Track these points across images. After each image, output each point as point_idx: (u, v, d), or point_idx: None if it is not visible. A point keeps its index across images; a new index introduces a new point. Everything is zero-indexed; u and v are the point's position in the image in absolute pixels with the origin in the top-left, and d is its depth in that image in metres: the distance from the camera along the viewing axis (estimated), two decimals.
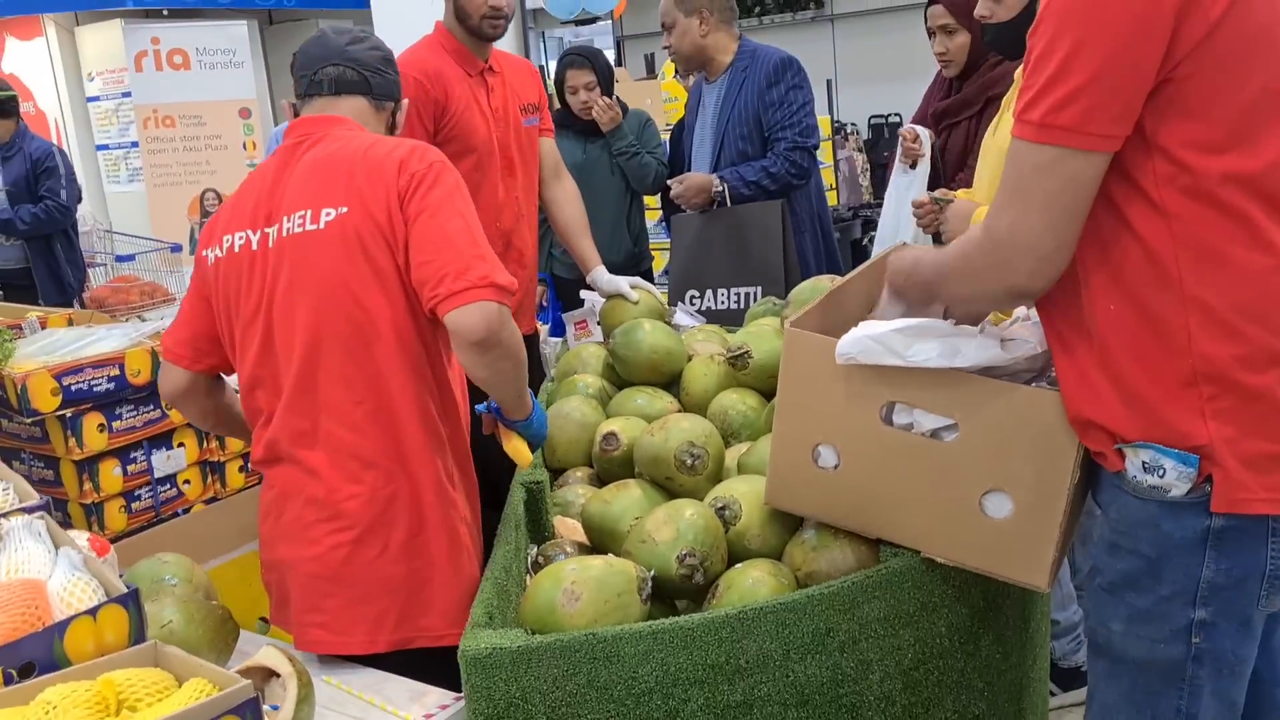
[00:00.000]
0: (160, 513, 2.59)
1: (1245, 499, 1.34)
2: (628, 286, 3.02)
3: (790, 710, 1.62)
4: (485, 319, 1.69)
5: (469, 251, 1.73)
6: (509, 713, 1.55)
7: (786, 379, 1.74)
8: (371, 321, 1.79)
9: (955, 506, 1.64)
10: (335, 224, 1.79)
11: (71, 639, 1.41)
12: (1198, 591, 1.39)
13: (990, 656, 1.84)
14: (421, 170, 1.80)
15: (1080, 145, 1.30)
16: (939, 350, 1.57)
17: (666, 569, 1.72)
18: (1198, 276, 1.33)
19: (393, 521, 1.81)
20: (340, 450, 1.81)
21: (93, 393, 2.41)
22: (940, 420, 1.63)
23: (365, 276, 1.78)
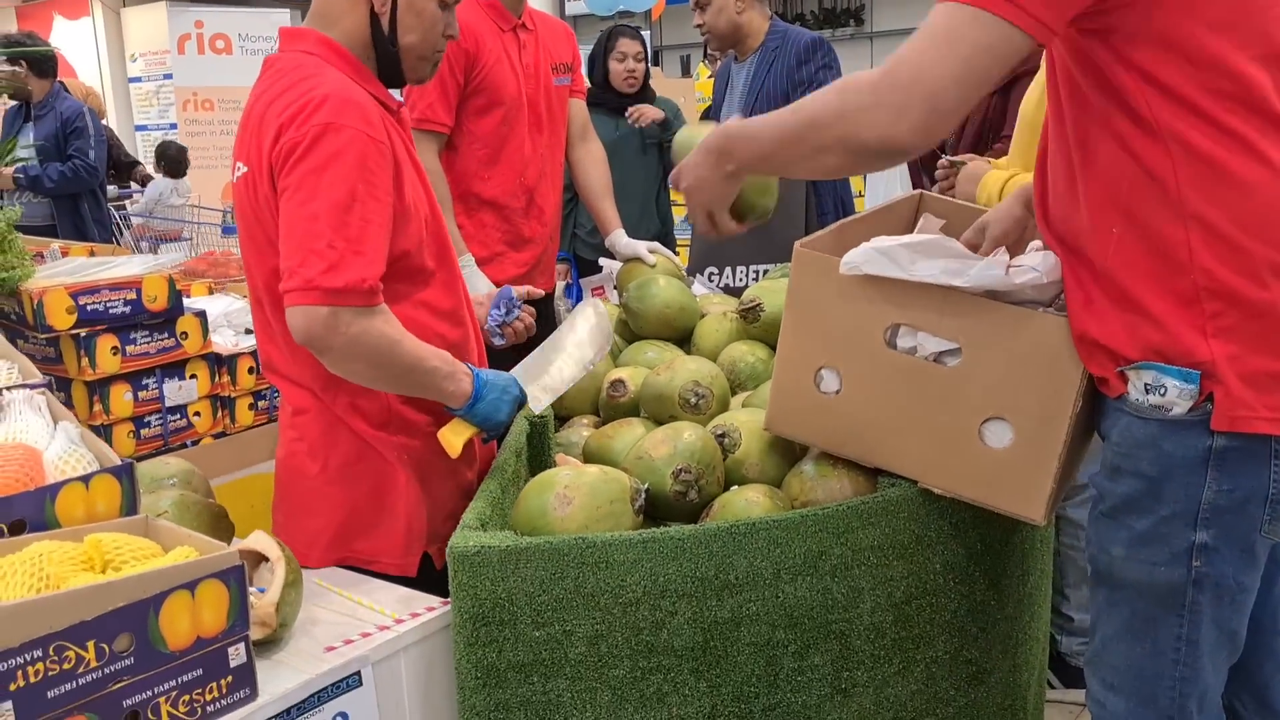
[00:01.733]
0: (169, 442, 2.60)
1: (1246, 417, 1.32)
2: (645, 250, 3.02)
3: (778, 631, 1.61)
4: (306, 324, 1.61)
5: (308, 244, 1.61)
6: (494, 613, 1.54)
7: (792, 300, 1.73)
8: (266, 279, 1.77)
9: (955, 434, 1.63)
10: (241, 181, 1.77)
11: (63, 502, 1.42)
12: (1199, 513, 1.37)
13: (985, 602, 1.82)
14: (296, 138, 1.65)
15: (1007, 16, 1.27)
16: (943, 268, 1.57)
17: (661, 484, 1.71)
18: (1197, 193, 1.32)
19: (332, 445, 1.82)
20: (290, 374, 1.84)
21: (108, 314, 2.43)
22: (944, 344, 1.62)
23: (263, 234, 1.75)
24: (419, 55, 1.87)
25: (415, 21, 1.83)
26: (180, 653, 1.29)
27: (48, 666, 1.17)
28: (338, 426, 1.82)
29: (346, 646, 1.51)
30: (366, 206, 1.64)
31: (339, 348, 1.63)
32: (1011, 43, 1.29)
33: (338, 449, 1.83)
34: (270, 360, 1.90)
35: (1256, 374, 1.32)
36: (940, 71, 1.30)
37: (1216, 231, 1.32)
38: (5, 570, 1.23)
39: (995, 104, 2.93)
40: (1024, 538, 1.89)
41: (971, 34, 1.29)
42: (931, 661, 1.75)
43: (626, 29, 4.07)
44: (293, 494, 1.88)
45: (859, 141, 1.37)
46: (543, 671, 1.56)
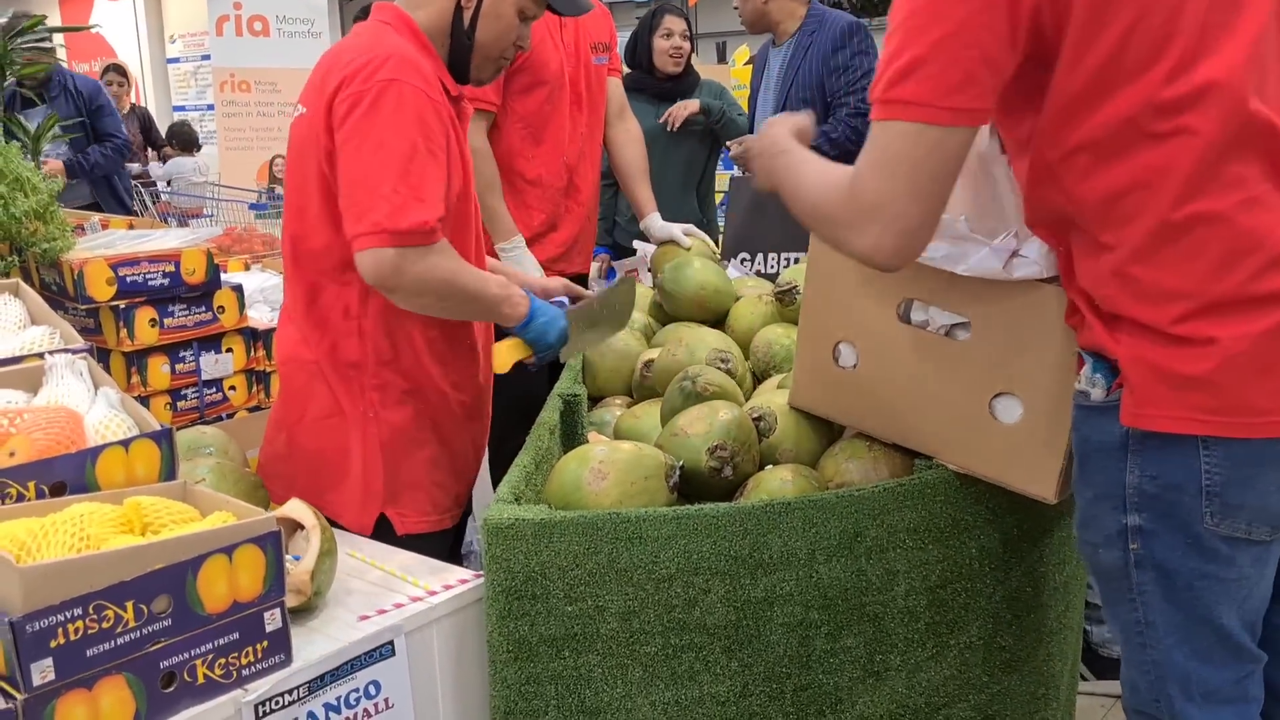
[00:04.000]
0: (204, 415, 2.62)
1: (1150, 415, 1.32)
2: (680, 232, 3.02)
3: (812, 611, 1.60)
4: (375, 266, 1.70)
5: (375, 190, 1.69)
6: (527, 586, 1.54)
7: (811, 275, 1.74)
8: (308, 215, 1.86)
9: (967, 409, 1.62)
10: (300, 121, 1.87)
11: (103, 466, 1.43)
12: (1125, 496, 1.37)
13: (1021, 590, 1.81)
14: (358, 91, 1.73)
15: (923, 119, 1.27)
16: (945, 253, 1.55)
17: (696, 461, 1.70)
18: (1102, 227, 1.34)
19: (310, 397, 1.93)
20: (289, 321, 1.97)
21: (147, 286, 2.44)
22: (954, 317, 1.61)
23: (307, 175, 1.84)
24: (487, 55, 1.97)
25: (494, 24, 1.94)
26: (217, 616, 1.30)
27: (87, 625, 1.18)
28: (317, 380, 1.92)
29: (380, 616, 1.52)
30: (424, 160, 1.73)
31: (406, 286, 1.73)
32: (947, 142, 1.29)
33: (315, 401, 1.94)
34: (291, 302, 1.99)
35: (1163, 374, 1.30)
36: (892, 195, 1.31)
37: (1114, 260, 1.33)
38: (47, 529, 1.25)
39: None
40: (1062, 526, 1.87)
41: (903, 149, 1.30)
42: (965, 647, 1.74)
43: (672, 7, 4.04)
44: (274, 439, 2.03)
45: (849, 249, 1.40)
46: (574, 646, 1.56)
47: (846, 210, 1.37)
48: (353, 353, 1.89)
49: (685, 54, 3.95)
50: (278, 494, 1.94)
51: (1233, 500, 1.30)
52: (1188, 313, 1.28)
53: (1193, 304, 1.28)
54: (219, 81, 8.71)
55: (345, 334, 1.89)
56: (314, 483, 1.93)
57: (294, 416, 1.96)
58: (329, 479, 1.93)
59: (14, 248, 2.45)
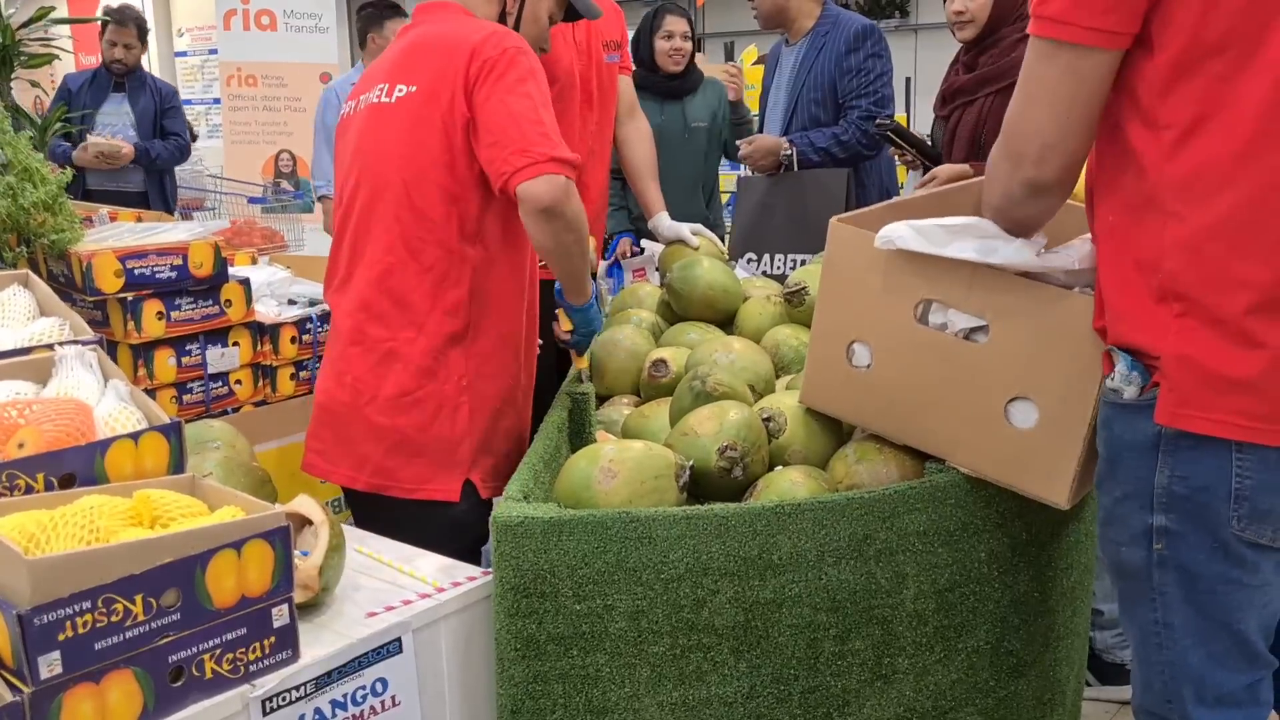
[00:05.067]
0: (210, 409, 2.61)
1: (1189, 415, 1.31)
2: (689, 232, 3.01)
3: (820, 614, 1.59)
4: (551, 189, 1.80)
5: (534, 130, 1.82)
6: (535, 585, 1.54)
7: (827, 273, 1.73)
8: (414, 196, 1.93)
9: (981, 412, 1.62)
10: (405, 100, 1.95)
11: (112, 458, 1.43)
12: (1153, 495, 1.37)
13: (1029, 594, 1.80)
14: (494, 56, 1.87)
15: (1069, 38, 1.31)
16: (976, 247, 1.55)
17: (706, 461, 1.69)
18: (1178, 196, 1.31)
19: (384, 376, 1.97)
20: (356, 301, 2.00)
21: (154, 279, 2.43)
22: (973, 320, 1.60)
23: (415, 154, 1.92)
24: None
25: (533, 26, 2.12)
26: (225, 610, 1.29)
27: (95, 618, 1.18)
28: (395, 358, 1.97)
29: (388, 613, 1.51)
30: (552, 114, 1.88)
31: (570, 213, 1.84)
32: (1088, 60, 1.32)
33: (389, 381, 1.97)
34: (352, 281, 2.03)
35: (1207, 375, 1.29)
36: (1031, 114, 1.38)
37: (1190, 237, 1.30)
38: (57, 522, 1.24)
39: (994, 105, 2.85)
40: (1070, 531, 1.87)
41: (1040, 69, 1.35)
42: (973, 651, 1.73)
43: (673, 6, 4.03)
44: (338, 422, 2.03)
45: (1012, 197, 1.46)
46: (582, 645, 1.56)
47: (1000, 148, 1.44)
48: (455, 326, 1.96)
49: (686, 54, 3.95)
50: (342, 476, 2.03)
51: (1262, 506, 1.30)
52: (1255, 304, 1.26)
53: (1262, 296, 1.26)
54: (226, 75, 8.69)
55: (451, 306, 1.95)
56: (388, 460, 1.98)
57: (360, 401, 1.99)
58: (408, 453, 1.98)
59: (21, 239, 2.45)
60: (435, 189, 1.93)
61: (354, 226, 2.03)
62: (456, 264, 1.95)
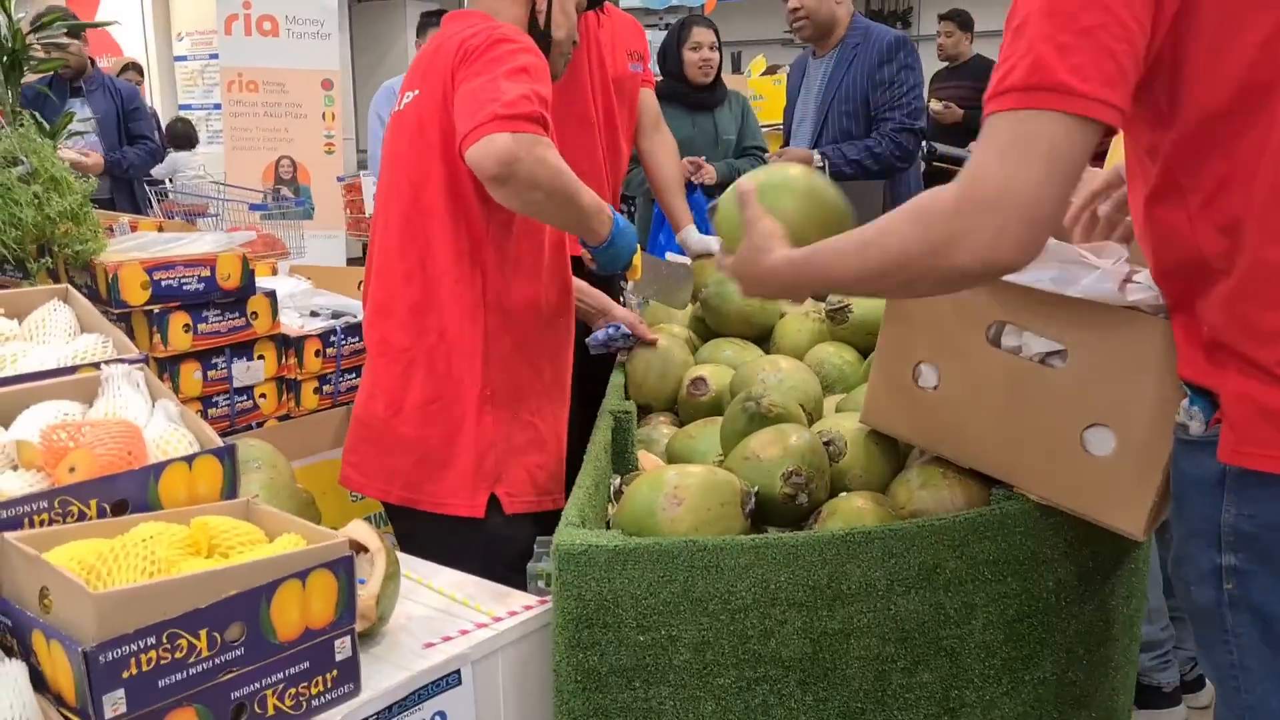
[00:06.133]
0: (235, 423, 2.56)
1: (1250, 453, 1.26)
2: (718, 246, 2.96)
3: (889, 645, 1.55)
4: (492, 153, 1.66)
5: (484, 95, 1.70)
6: (598, 615, 1.49)
7: None
8: (422, 198, 1.91)
9: (1055, 439, 1.57)
10: (411, 105, 1.95)
11: (166, 483, 1.37)
12: (1220, 534, 1.32)
13: (1093, 623, 1.75)
14: (476, 44, 1.81)
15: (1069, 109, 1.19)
16: (1055, 275, 1.50)
17: (770, 487, 1.64)
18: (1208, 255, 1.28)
19: (408, 386, 1.94)
20: (378, 309, 1.99)
21: (182, 291, 2.38)
22: (1050, 345, 1.56)
23: (420, 156, 1.90)
24: (561, 51, 2.07)
25: (564, 19, 2.06)
26: (289, 644, 1.24)
27: (159, 655, 1.12)
28: (416, 366, 1.93)
29: (445, 644, 1.46)
30: (533, 73, 1.77)
31: (521, 175, 1.67)
32: (1085, 134, 1.21)
33: (414, 388, 1.93)
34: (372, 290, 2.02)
35: (1266, 412, 1.25)
36: (1025, 180, 1.20)
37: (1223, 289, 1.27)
38: (116, 552, 1.18)
39: None
40: (1131, 557, 1.83)
41: (1041, 134, 1.20)
42: (1039, 683, 1.69)
43: (699, 18, 4.00)
44: (369, 434, 2.01)
45: (958, 270, 1.26)
46: (645, 677, 1.50)
47: (950, 220, 1.25)
48: (472, 331, 1.91)
49: (714, 65, 3.91)
50: (376, 490, 2.00)
51: None
52: None
53: None
54: (226, 81, 8.61)
55: (464, 313, 1.91)
56: (416, 473, 1.95)
57: (388, 412, 1.97)
58: (433, 465, 1.93)
59: (42, 249, 2.39)
60: (441, 191, 1.90)
61: (378, 237, 2.01)
62: (470, 266, 1.91)
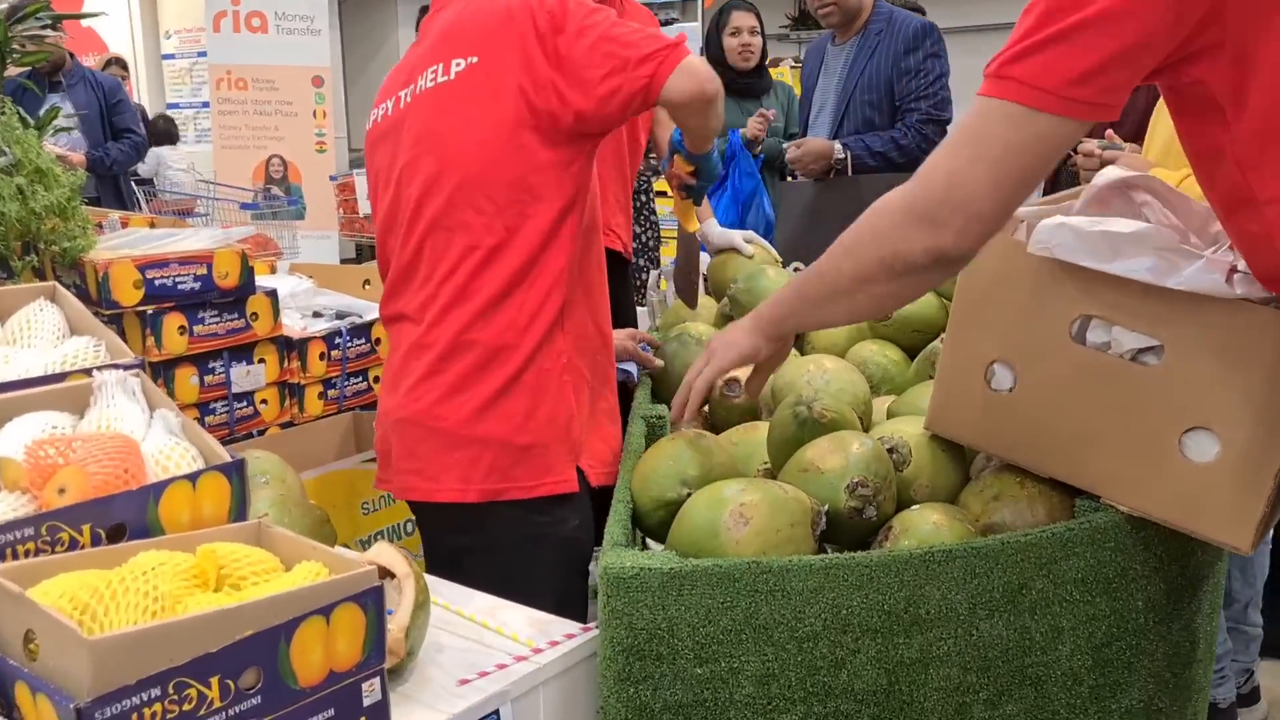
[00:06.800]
0: (234, 431, 2.40)
1: None
2: (741, 240, 2.82)
3: (970, 675, 1.40)
4: (700, 72, 1.71)
5: (636, 35, 1.72)
6: (650, 645, 1.34)
7: (965, 284, 1.54)
8: (493, 168, 1.77)
9: (1149, 445, 1.42)
10: (465, 74, 1.80)
11: (167, 505, 1.21)
12: None
13: (1180, 644, 1.61)
14: (555, 5, 1.75)
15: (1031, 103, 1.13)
16: (1151, 265, 1.36)
17: (834, 501, 1.49)
18: None
19: (483, 368, 1.79)
20: (438, 293, 1.81)
21: (176, 290, 2.22)
22: (1144, 340, 1.41)
23: (493, 122, 1.76)
24: None
25: None
26: (312, 689, 1.08)
27: (165, 708, 0.96)
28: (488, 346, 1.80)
29: (482, 680, 1.30)
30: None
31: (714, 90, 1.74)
32: (1056, 133, 1.14)
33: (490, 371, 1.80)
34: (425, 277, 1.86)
35: None
36: (973, 177, 1.17)
37: None
38: (113, 587, 1.03)
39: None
40: (1218, 570, 1.68)
41: (1002, 132, 1.15)
42: (1125, 712, 1.54)
43: (739, 2, 3.88)
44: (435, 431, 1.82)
45: (905, 260, 1.26)
46: (703, 714, 1.35)
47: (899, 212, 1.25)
48: (556, 300, 1.81)
49: (756, 50, 3.79)
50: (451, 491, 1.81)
51: None
52: None
53: None
54: (215, 79, 8.43)
55: (552, 283, 1.81)
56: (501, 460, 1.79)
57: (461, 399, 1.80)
58: (518, 449, 1.80)
59: (27, 246, 2.23)
60: (519, 159, 1.77)
61: (430, 224, 1.82)
62: (559, 231, 1.79)
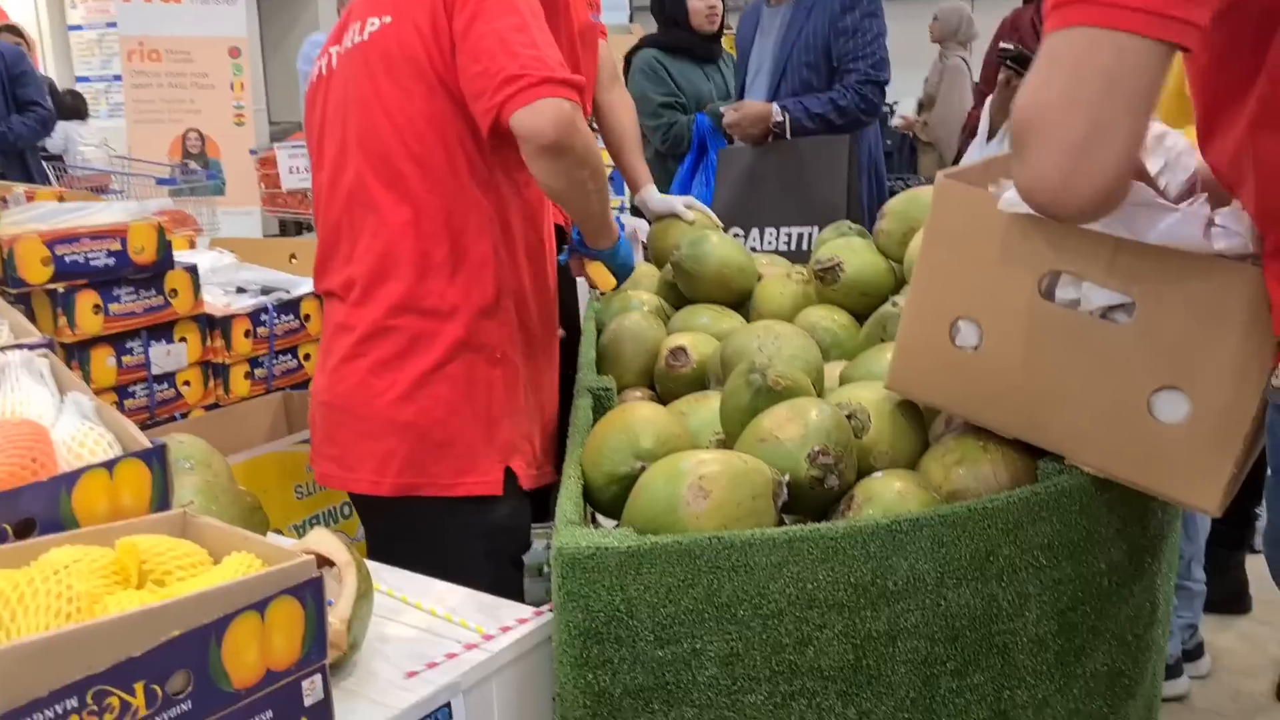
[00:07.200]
0: (155, 414, 2.28)
1: None
2: (682, 205, 2.75)
3: (938, 646, 1.35)
4: (555, 119, 1.52)
5: (526, 51, 1.55)
6: (608, 628, 1.27)
7: (930, 240, 1.48)
8: (408, 140, 1.67)
9: (1118, 404, 1.38)
10: (378, 35, 1.71)
11: (81, 496, 1.11)
12: None
13: (1141, 605, 1.59)
14: None
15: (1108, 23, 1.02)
16: (1127, 218, 1.31)
17: (795, 471, 1.43)
18: None
19: (408, 358, 1.72)
20: (361, 273, 1.73)
21: (90, 267, 2.09)
22: (1115, 297, 1.37)
23: (404, 91, 1.66)
24: None
25: None
26: (247, 690, 1.00)
27: (85, 719, 0.88)
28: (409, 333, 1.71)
29: (431, 671, 1.23)
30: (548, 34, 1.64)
31: (579, 146, 1.57)
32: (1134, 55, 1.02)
33: (410, 359, 1.71)
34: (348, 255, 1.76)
35: None
36: (1048, 103, 1.04)
37: None
38: (22, 589, 0.93)
39: None
40: (1175, 529, 1.67)
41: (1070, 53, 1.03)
42: (1089, 676, 1.51)
43: None
44: (354, 417, 1.75)
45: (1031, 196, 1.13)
46: (665, 698, 1.29)
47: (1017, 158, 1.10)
48: (482, 285, 1.72)
49: (719, 13, 3.69)
50: (365, 483, 1.74)
51: None
52: None
53: None
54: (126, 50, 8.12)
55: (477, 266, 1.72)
56: (417, 453, 1.72)
57: (380, 386, 1.72)
58: (437, 442, 1.72)
59: None
60: (436, 128, 1.67)
61: (347, 196, 1.72)
62: (476, 215, 1.69)
